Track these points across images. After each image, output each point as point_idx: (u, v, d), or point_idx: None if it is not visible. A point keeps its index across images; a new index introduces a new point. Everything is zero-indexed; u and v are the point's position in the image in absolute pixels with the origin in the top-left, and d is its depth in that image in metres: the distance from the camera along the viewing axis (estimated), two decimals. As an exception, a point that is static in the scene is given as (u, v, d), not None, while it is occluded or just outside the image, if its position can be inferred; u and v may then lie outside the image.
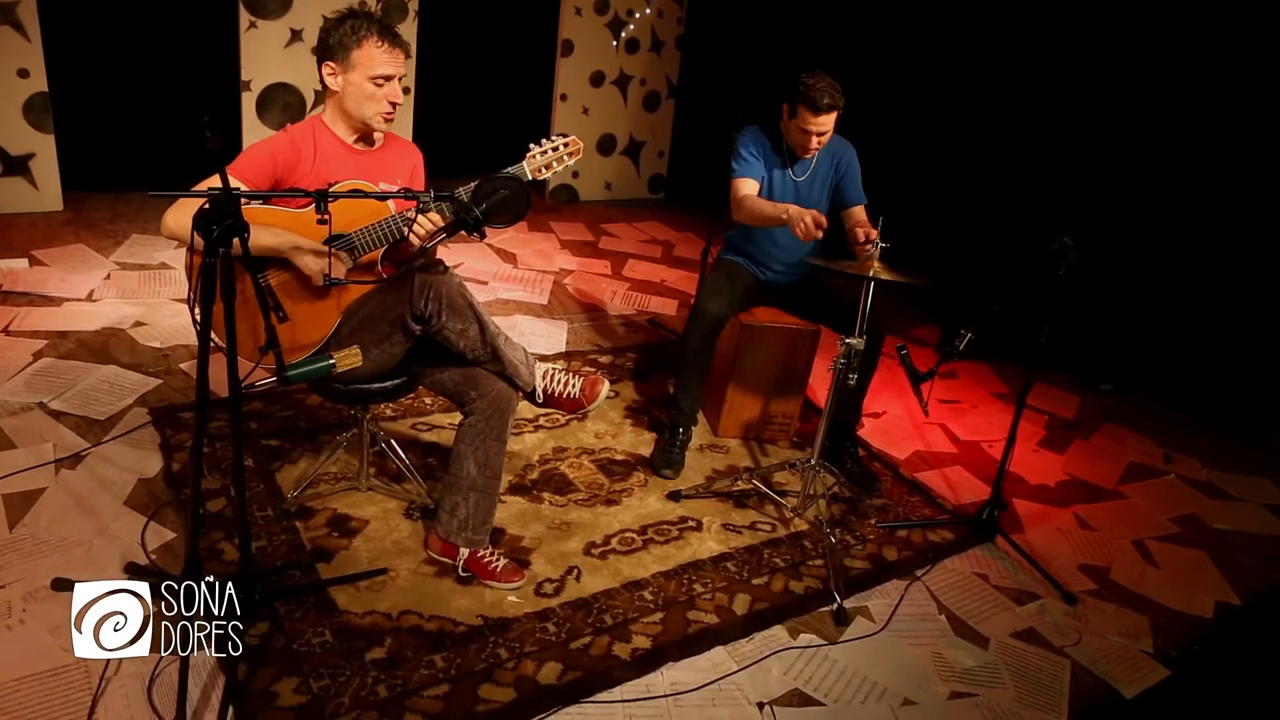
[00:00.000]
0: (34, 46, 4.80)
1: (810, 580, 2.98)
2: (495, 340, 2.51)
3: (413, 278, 2.45)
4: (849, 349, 2.95)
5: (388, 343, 2.53)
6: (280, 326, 2.43)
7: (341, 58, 2.50)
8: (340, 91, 2.54)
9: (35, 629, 2.34)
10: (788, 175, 3.47)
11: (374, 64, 2.49)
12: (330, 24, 2.51)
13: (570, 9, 6.33)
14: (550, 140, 2.64)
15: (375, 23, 2.50)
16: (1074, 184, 5.06)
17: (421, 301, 2.43)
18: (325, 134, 2.58)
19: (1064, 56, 5.08)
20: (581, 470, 3.38)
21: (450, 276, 2.50)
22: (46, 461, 2.99)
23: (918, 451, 3.97)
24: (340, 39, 2.48)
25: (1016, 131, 5.32)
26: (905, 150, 5.51)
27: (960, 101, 5.57)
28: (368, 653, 2.39)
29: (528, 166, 2.58)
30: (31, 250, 4.58)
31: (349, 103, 2.55)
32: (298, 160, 2.50)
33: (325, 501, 2.98)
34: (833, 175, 3.49)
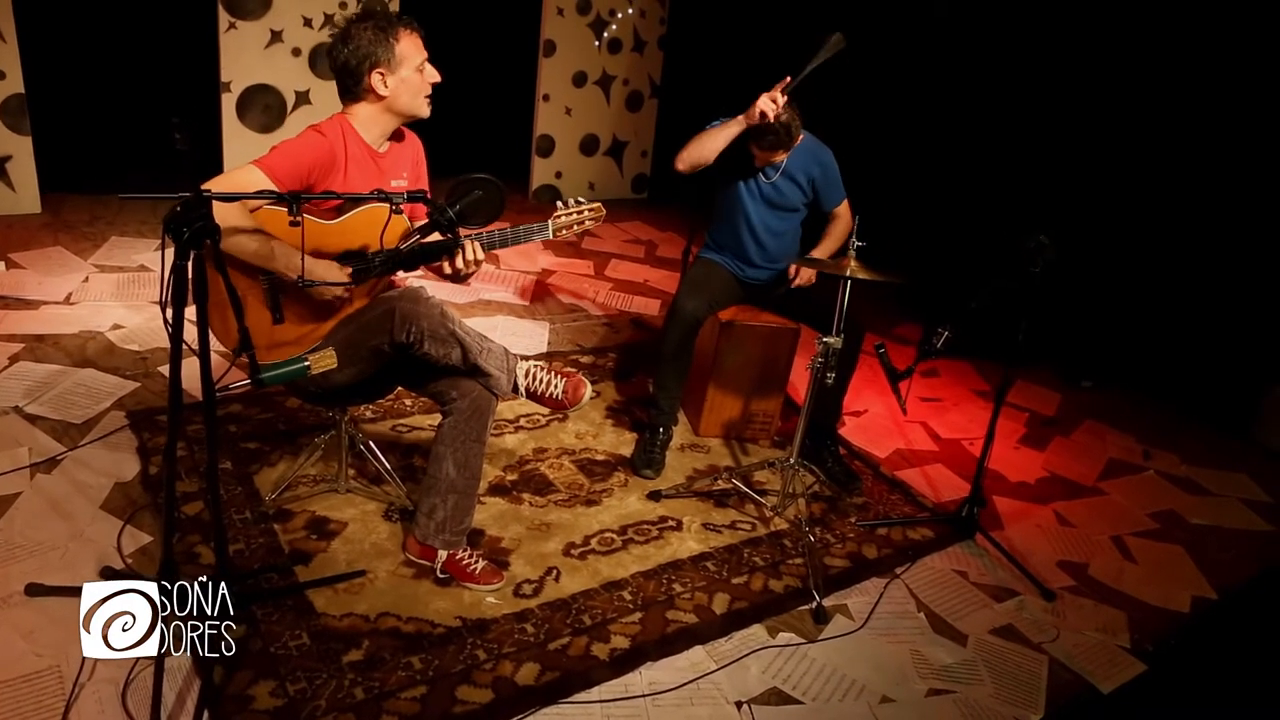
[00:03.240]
0: (10, 47, 4.78)
1: (790, 579, 2.98)
2: (477, 359, 2.50)
3: (393, 311, 2.44)
4: (827, 348, 2.96)
5: (366, 363, 2.52)
6: (272, 328, 2.43)
7: (387, 59, 2.46)
8: (392, 92, 2.50)
9: (8, 634, 2.32)
10: (758, 175, 3.48)
11: (415, 53, 2.50)
12: (353, 34, 2.46)
13: (552, 9, 6.33)
14: (576, 203, 2.66)
15: (391, 16, 2.51)
16: (1051, 181, 5.09)
17: (402, 335, 2.42)
18: (354, 139, 2.54)
19: (1042, 56, 5.11)
20: (562, 471, 3.38)
21: (431, 305, 2.47)
22: (21, 466, 2.97)
23: (898, 450, 3.99)
24: (376, 43, 2.44)
25: (994, 129, 5.35)
26: (883, 148, 5.53)
27: (938, 100, 5.59)
28: (345, 655, 2.38)
29: (551, 225, 2.62)
30: (8, 253, 4.55)
31: (403, 100, 2.52)
32: (331, 167, 2.45)
33: (304, 504, 2.96)
34: (809, 177, 3.49)
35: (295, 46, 5.47)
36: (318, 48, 5.53)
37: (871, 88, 5.65)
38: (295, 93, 5.57)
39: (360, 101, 2.53)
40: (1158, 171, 4.76)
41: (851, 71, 5.73)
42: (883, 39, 5.80)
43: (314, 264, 2.38)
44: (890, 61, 5.75)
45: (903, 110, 5.72)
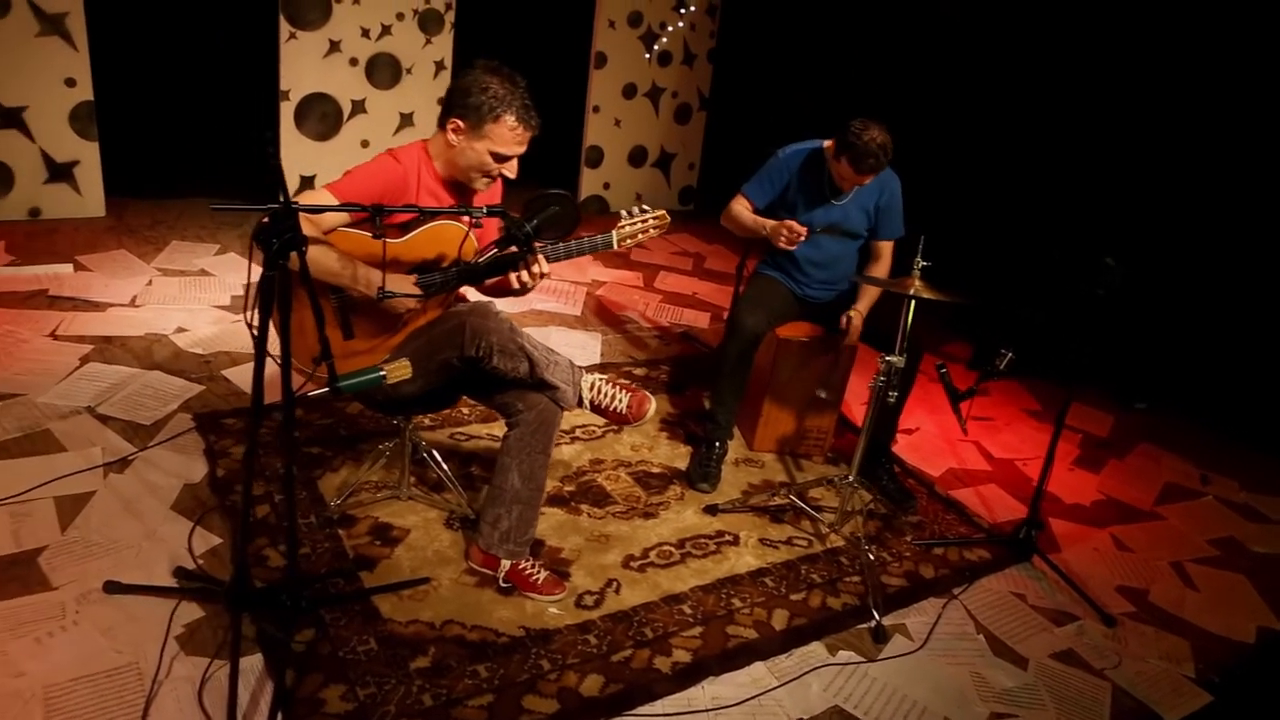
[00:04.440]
0: (81, 56, 4.89)
1: (848, 597, 2.98)
2: (544, 372, 2.53)
3: (464, 326, 2.47)
4: (889, 366, 2.96)
5: (435, 375, 2.56)
6: (342, 343, 2.48)
7: (473, 122, 2.47)
8: (457, 149, 2.51)
9: (89, 630, 2.38)
10: (827, 200, 3.48)
11: (502, 143, 2.48)
12: (474, 79, 2.47)
13: (604, 21, 6.38)
14: (640, 211, 2.66)
15: (518, 98, 2.47)
16: (1112, 200, 5.05)
17: (473, 349, 2.45)
18: (428, 169, 2.57)
19: (1112, 77, 5.08)
20: (619, 483, 3.40)
21: (501, 320, 2.50)
22: (95, 465, 3.04)
23: (951, 469, 3.97)
24: (479, 104, 2.44)
25: (1052, 148, 5.32)
26: (948, 168, 5.51)
27: (1004, 118, 5.56)
28: (412, 661, 2.42)
29: (616, 235, 2.62)
30: (76, 255, 4.65)
31: (460, 162, 2.53)
32: (402, 192, 2.49)
33: (367, 510, 3.01)
34: (875, 203, 3.49)
35: (353, 56, 5.55)
36: (374, 58, 5.61)
37: (936, 104, 5.64)
38: (351, 101, 5.65)
39: (441, 131, 2.56)
40: (1213, 191, 4.71)
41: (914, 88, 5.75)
42: (939, 55, 5.80)
43: (387, 278, 2.42)
44: (956, 77, 5.74)
45: (969, 127, 5.70)
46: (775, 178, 3.48)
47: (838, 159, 3.27)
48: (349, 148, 5.71)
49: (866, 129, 3.16)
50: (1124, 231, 4.87)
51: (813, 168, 3.46)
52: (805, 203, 3.48)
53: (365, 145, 5.75)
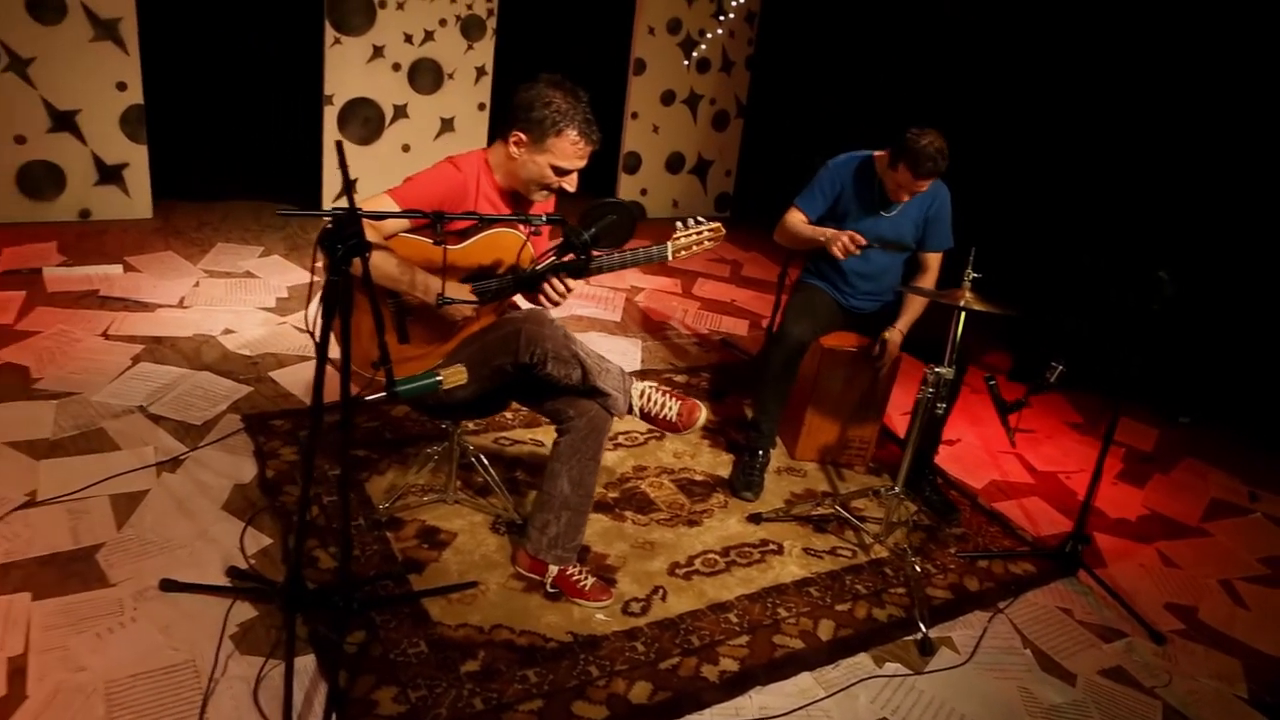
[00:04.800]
0: (132, 60, 4.97)
1: (893, 608, 2.97)
2: (596, 379, 2.55)
3: (519, 332, 2.49)
4: (938, 378, 2.95)
5: (488, 381, 2.58)
6: (397, 347, 2.50)
7: (536, 136, 2.48)
8: (518, 161, 2.53)
9: (146, 627, 2.41)
10: (877, 211, 3.47)
11: (564, 157, 2.50)
12: (538, 93, 2.48)
13: (644, 28, 6.40)
14: (695, 223, 2.67)
15: (581, 113, 2.49)
16: (1152, 208, 5.00)
17: (527, 355, 2.47)
18: (487, 179, 2.60)
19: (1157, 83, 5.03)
20: (662, 490, 3.41)
21: (555, 327, 2.52)
22: (148, 464, 3.08)
23: (994, 481, 3.94)
24: (542, 117, 2.46)
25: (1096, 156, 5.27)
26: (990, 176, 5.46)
27: (1040, 125, 5.53)
28: (462, 665, 2.43)
29: (670, 246, 2.64)
30: (125, 256, 4.73)
31: (521, 174, 2.55)
32: (462, 200, 2.51)
33: (414, 513, 3.03)
34: (924, 214, 3.48)
35: (396, 62, 5.61)
36: (417, 63, 5.66)
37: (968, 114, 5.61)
38: (394, 106, 5.70)
39: (502, 143, 2.58)
40: (1258, 199, 4.65)
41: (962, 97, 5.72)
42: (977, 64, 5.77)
43: (437, 283, 2.44)
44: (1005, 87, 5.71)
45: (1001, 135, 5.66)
46: (827, 188, 3.47)
47: (894, 166, 3.26)
48: (390, 152, 5.76)
49: (924, 134, 3.17)
50: (1165, 240, 4.82)
51: (863, 178, 3.45)
52: (856, 213, 3.47)
53: (406, 150, 5.80)
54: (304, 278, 4.82)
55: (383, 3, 5.45)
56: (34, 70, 4.74)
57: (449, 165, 2.54)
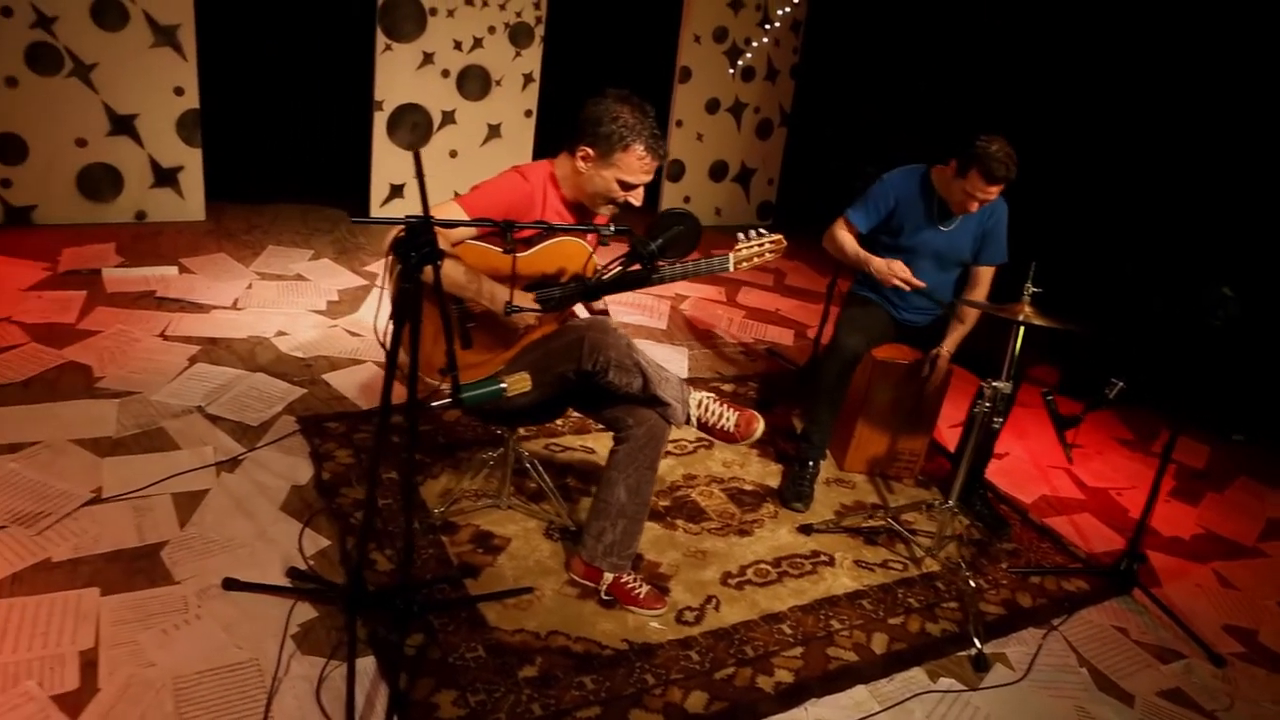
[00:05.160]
0: (189, 66, 5.06)
1: (946, 623, 2.95)
2: (656, 389, 2.56)
3: (583, 340, 2.51)
4: (996, 393, 2.93)
5: (549, 388, 2.60)
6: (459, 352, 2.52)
7: (603, 150, 2.52)
8: (585, 175, 2.56)
9: (211, 625, 2.45)
10: (935, 225, 3.46)
11: (631, 172, 2.53)
12: (606, 108, 2.51)
13: (689, 36, 6.42)
14: (757, 234, 2.68)
15: (648, 128, 2.52)
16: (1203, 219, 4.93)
17: (590, 363, 2.50)
18: (553, 190, 2.63)
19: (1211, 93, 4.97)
20: (712, 499, 3.41)
21: (618, 335, 2.54)
22: (208, 464, 3.13)
23: (1044, 496, 3.91)
24: (609, 132, 2.49)
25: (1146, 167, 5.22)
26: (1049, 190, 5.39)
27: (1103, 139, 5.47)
28: (520, 670, 2.45)
29: (732, 258, 2.65)
30: (179, 258, 4.81)
31: (588, 188, 2.58)
32: (528, 209, 2.54)
33: (468, 518, 3.06)
34: (982, 228, 3.47)
35: (445, 68, 5.67)
36: (466, 69, 5.72)
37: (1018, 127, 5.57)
38: (442, 112, 5.76)
39: (569, 156, 2.61)
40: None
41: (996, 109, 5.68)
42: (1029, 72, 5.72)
43: (505, 291, 2.46)
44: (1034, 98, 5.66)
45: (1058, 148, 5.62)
46: (879, 203, 3.47)
47: (963, 175, 3.24)
48: (438, 157, 5.82)
49: (992, 140, 3.16)
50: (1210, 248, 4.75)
51: (920, 192, 3.44)
52: (911, 227, 3.46)
53: (454, 155, 5.86)
54: (353, 281, 4.88)
55: (433, 10, 5.51)
56: (96, 75, 4.84)
57: (516, 175, 2.56)
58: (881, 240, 3.54)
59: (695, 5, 6.33)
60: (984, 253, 3.52)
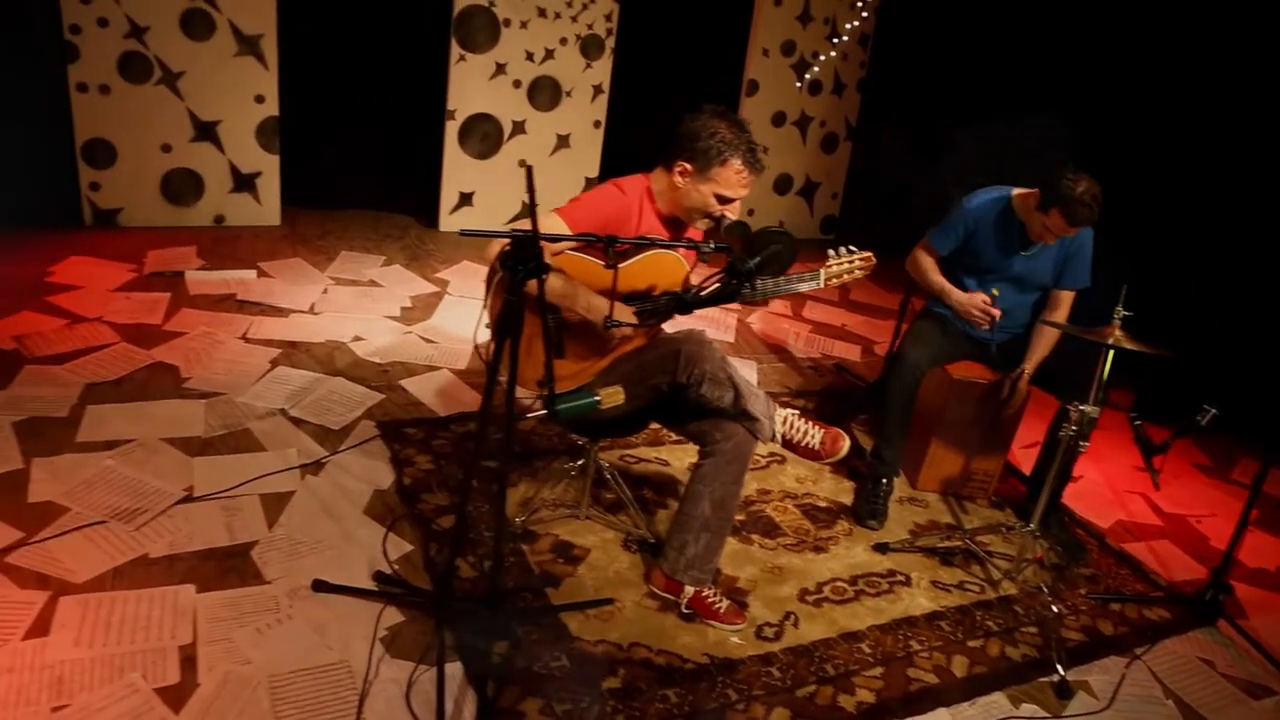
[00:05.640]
0: (270, 74, 5.18)
1: (1026, 648, 2.92)
2: (747, 403, 2.57)
3: (679, 353, 2.53)
4: (1083, 416, 2.90)
5: (639, 400, 2.61)
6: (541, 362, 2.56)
7: (701, 165, 2.54)
8: (682, 190, 2.59)
9: (302, 625, 2.50)
10: (1016, 250, 3.42)
11: (728, 186, 2.56)
12: (704, 124, 2.54)
13: (758, 50, 6.43)
14: (848, 252, 2.68)
15: (745, 142, 2.55)
16: None
17: (684, 375, 2.52)
18: (649, 204, 2.66)
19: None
20: (787, 514, 3.41)
21: (713, 349, 2.56)
22: (293, 466, 3.20)
23: (1120, 521, 3.84)
24: (707, 147, 2.52)
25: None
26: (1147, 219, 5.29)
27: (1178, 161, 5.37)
28: (604, 681, 2.47)
29: (823, 274, 2.66)
30: (257, 262, 4.92)
31: (684, 202, 2.61)
32: (625, 222, 2.58)
33: (547, 527, 3.09)
34: (1064, 252, 3.42)
35: (516, 79, 5.73)
36: (537, 80, 5.78)
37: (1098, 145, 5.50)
38: (512, 122, 5.83)
39: (665, 171, 2.63)
40: None
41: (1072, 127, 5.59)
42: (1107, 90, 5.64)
43: (604, 303, 2.49)
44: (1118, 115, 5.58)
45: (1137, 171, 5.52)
46: (959, 227, 3.45)
47: (1045, 210, 3.20)
48: (507, 166, 5.89)
49: (1079, 180, 3.10)
50: None
51: (1000, 217, 3.41)
52: (991, 252, 3.43)
53: (522, 165, 5.92)
54: (425, 288, 4.95)
55: (507, 21, 5.59)
56: (183, 83, 4.98)
57: (614, 188, 2.59)
58: (962, 262, 3.51)
59: (764, 19, 6.35)
60: (1066, 277, 3.47)
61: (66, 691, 2.19)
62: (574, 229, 2.42)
